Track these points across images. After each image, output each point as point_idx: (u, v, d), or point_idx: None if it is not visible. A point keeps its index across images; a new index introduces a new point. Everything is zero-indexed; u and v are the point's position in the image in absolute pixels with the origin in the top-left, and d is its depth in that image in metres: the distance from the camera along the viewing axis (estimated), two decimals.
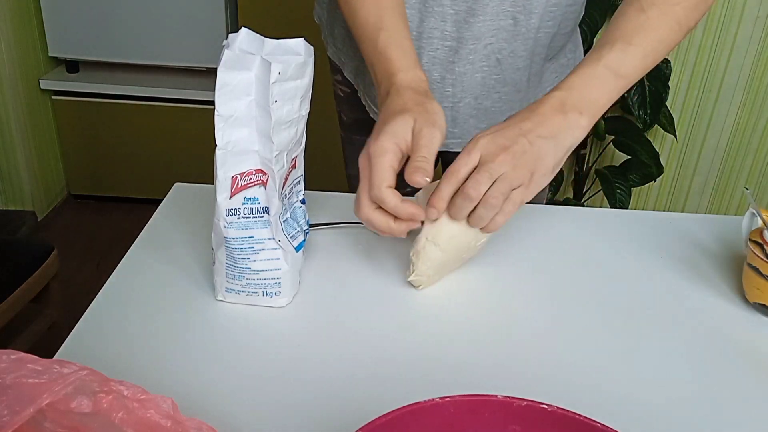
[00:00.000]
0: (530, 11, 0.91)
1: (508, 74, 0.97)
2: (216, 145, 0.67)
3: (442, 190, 0.72)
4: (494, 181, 0.71)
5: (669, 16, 0.79)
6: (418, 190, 0.76)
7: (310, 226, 0.81)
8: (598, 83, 0.76)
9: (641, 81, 2.04)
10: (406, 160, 0.73)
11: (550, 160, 0.74)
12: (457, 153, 0.74)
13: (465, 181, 0.71)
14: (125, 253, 0.82)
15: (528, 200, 0.74)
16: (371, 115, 1.07)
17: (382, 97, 0.79)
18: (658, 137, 2.37)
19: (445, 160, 1.05)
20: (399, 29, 0.81)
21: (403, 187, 0.71)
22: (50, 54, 2.49)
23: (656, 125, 2.15)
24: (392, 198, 0.70)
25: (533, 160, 0.72)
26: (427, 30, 0.94)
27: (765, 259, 0.75)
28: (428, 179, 0.70)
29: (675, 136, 2.26)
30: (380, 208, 0.72)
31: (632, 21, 0.78)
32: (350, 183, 1.24)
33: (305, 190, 0.78)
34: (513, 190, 0.72)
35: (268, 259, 0.72)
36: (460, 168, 0.72)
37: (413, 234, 0.75)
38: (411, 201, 0.72)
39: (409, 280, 0.77)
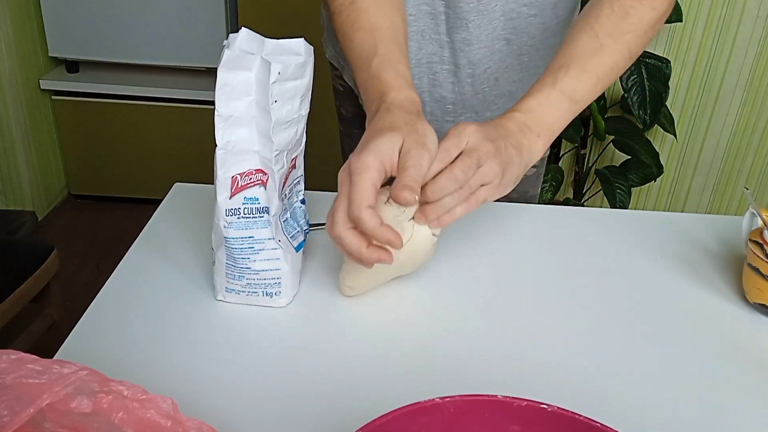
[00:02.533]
0: (521, 31, 0.93)
1: (506, 87, 0.99)
2: (216, 145, 0.67)
3: (430, 168, 0.68)
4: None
5: (621, 44, 0.80)
6: None
7: (310, 226, 0.81)
8: (554, 108, 0.77)
9: (641, 81, 2.04)
10: (388, 180, 0.69)
11: (515, 169, 0.73)
12: None
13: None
14: (125, 253, 0.82)
15: (489, 200, 0.72)
16: None
17: (371, 115, 0.75)
18: (658, 137, 2.37)
19: None
20: (394, 55, 0.79)
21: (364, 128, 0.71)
22: (50, 54, 2.49)
23: (656, 125, 2.15)
24: (372, 219, 0.65)
25: (507, 162, 0.71)
26: (427, 55, 0.95)
27: (765, 259, 0.75)
28: (417, 197, 0.65)
29: (675, 136, 2.26)
30: (355, 228, 0.67)
31: (586, 46, 0.79)
32: None
33: (305, 190, 0.78)
34: (482, 186, 0.71)
35: (268, 259, 0.72)
36: (451, 148, 0.69)
37: None
38: (389, 226, 0.67)
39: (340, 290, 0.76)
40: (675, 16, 2.04)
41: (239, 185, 0.68)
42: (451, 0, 0.90)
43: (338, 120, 1.21)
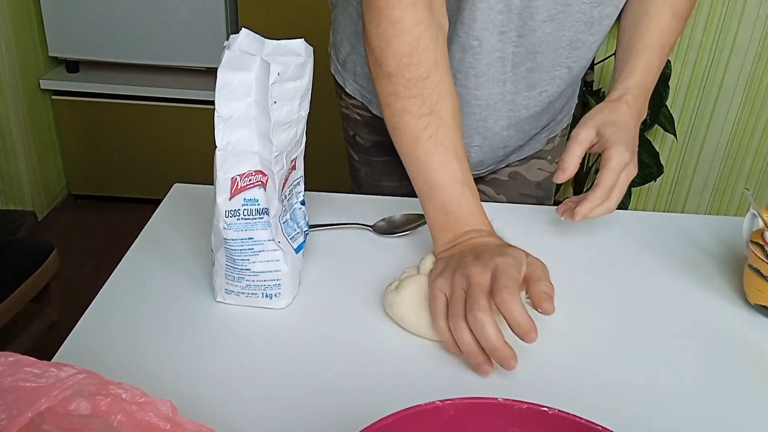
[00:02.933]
0: (582, 57, 0.95)
1: (553, 106, 1.03)
2: (216, 146, 0.67)
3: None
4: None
5: (685, 18, 0.93)
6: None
7: (310, 226, 0.80)
8: (653, 77, 0.90)
9: None
10: None
11: (637, 140, 0.90)
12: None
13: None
14: (125, 253, 0.82)
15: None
16: None
17: (448, 243, 0.76)
18: (658, 137, 2.37)
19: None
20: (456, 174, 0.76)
21: (401, 180, 0.72)
22: (50, 54, 2.49)
23: (656, 125, 2.15)
24: (505, 350, 0.65)
25: (634, 146, 0.88)
26: (491, 94, 0.95)
27: (766, 260, 0.75)
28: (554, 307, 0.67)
29: (675, 136, 2.26)
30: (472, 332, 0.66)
31: (668, 25, 0.90)
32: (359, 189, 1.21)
33: (305, 191, 0.78)
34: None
35: (267, 261, 0.71)
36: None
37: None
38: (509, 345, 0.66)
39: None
40: None
41: (239, 186, 0.68)
42: (523, 38, 0.89)
43: (349, 147, 1.18)
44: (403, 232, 0.88)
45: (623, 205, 2.14)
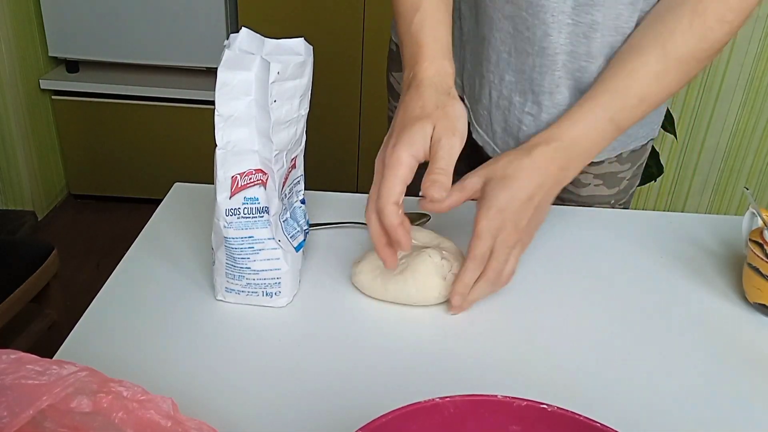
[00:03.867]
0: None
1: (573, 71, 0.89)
2: (216, 145, 0.67)
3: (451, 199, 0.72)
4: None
5: (686, 72, 0.77)
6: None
7: (310, 225, 0.81)
8: (601, 138, 0.76)
9: None
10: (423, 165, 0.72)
11: (542, 218, 0.77)
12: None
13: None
14: (125, 253, 0.82)
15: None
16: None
17: (405, 85, 0.77)
18: (658, 137, 2.37)
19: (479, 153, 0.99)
20: (435, 12, 0.77)
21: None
22: (50, 54, 2.49)
23: None
24: (391, 216, 0.69)
25: (536, 225, 0.76)
26: (552, 46, 0.84)
27: (765, 259, 0.75)
28: (444, 194, 0.69)
29: (675, 136, 2.26)
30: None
31: (651, 69, 0.75)
32: None
33: (305, 189, 0.78)
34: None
35: (268, 259, 0.72)
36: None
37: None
38: (405, 228, 0.71)
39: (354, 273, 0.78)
40: None
41: (239, 185, 0.68)
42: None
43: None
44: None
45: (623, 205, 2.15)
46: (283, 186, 0.71)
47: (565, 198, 1.02)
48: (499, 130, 0.95)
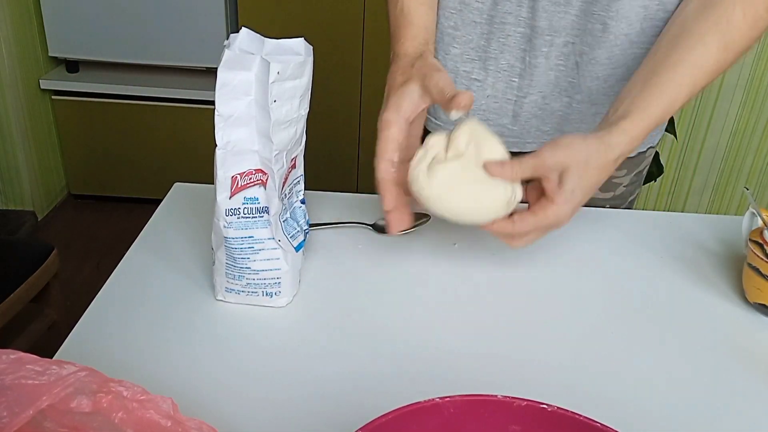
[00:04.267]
0: (621, 15, 0.85)
1: (585, 81, 0.91)
2: (216, 145, 0.67)
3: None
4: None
5: (732, 59, 0.77)
6: None
7: (310, 225, 0.81)
8: (648, 129, 0.74)
9: None
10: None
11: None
12: (513, 152, 0.72)
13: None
14: (125, 253, 0.82)
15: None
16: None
17: (391, 59, 0.83)
18: None
19: None
20: None
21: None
22: (50, 54, 2.49)
23: None
24: (381, 173, 0.74)
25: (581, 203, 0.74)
26: (500, 14, 0.89)
27: (765, 258, 0.75)
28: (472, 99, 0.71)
29: (675, 136, 2.26)
30: (397, 183, 0.75)
31: (708, 58, 0.76)
32: None
33: (305, 189, 0.78)
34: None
35: (268, 259, 0.72)
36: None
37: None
38: (391, 190, 0.74)
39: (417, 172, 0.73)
40: None
41: (239, 185, 0.68)
42: None
43: None
44: (403, 231, 0.88)
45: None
46: (283, 186, 0.71)
47: None
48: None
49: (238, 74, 0.65)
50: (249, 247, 0.71)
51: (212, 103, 0.66)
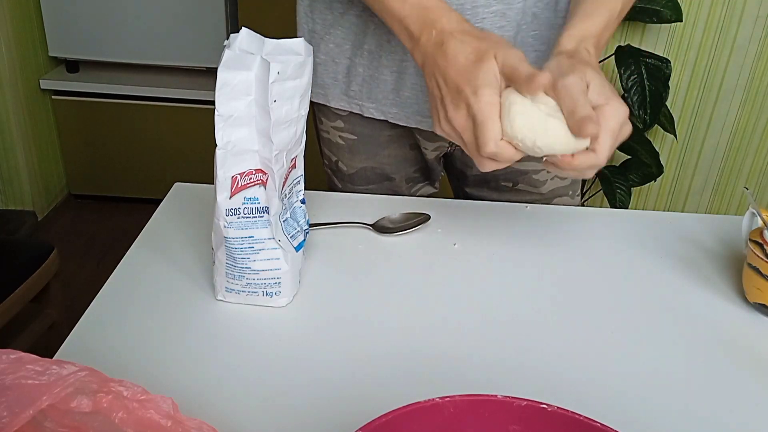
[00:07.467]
0: None
1: (544, 31, 0.92)
2: (216, 145, 0.67)
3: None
4: None
5: None
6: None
7: (310, 225, 0.81)
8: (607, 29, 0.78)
9: (641, 81, 2.04)
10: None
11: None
12: None
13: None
14: (125, 253, 0.82)
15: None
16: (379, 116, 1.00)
17: (429, 47, 0.75)
18: (658, 137, 2.37)
19: None
20: None
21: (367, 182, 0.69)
22: (50, 54, 2.49)
23: (656, 125, 2.15)
24: (508, 152, 0.69)
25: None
26: None
27: (765, 258, 0.75)
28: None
29: (675, 136, 2.26)
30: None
31: None
32: None
33: (305, 189, 0.78)
34: None
35: (268, 259, 0.72)
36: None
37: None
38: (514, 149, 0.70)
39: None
40: (675, 16, 2.04)
41: (239, 185, 0.68)
42: None
43: (332, 174, 1.10)
44: (402, 231, 0.88)
45: (623, 204, 2.15)
46: (283, 186, 0.71)
47: (529, 200, 1.02)
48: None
49: (238, 74, 0.65)
50: (249, 247, 0.71)
51: (212, 103, 0.66)
